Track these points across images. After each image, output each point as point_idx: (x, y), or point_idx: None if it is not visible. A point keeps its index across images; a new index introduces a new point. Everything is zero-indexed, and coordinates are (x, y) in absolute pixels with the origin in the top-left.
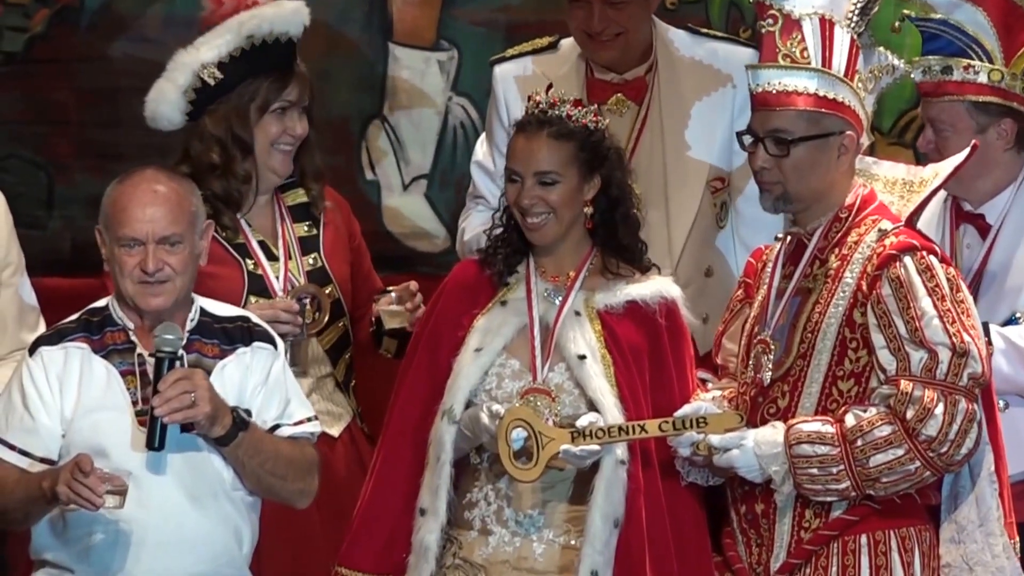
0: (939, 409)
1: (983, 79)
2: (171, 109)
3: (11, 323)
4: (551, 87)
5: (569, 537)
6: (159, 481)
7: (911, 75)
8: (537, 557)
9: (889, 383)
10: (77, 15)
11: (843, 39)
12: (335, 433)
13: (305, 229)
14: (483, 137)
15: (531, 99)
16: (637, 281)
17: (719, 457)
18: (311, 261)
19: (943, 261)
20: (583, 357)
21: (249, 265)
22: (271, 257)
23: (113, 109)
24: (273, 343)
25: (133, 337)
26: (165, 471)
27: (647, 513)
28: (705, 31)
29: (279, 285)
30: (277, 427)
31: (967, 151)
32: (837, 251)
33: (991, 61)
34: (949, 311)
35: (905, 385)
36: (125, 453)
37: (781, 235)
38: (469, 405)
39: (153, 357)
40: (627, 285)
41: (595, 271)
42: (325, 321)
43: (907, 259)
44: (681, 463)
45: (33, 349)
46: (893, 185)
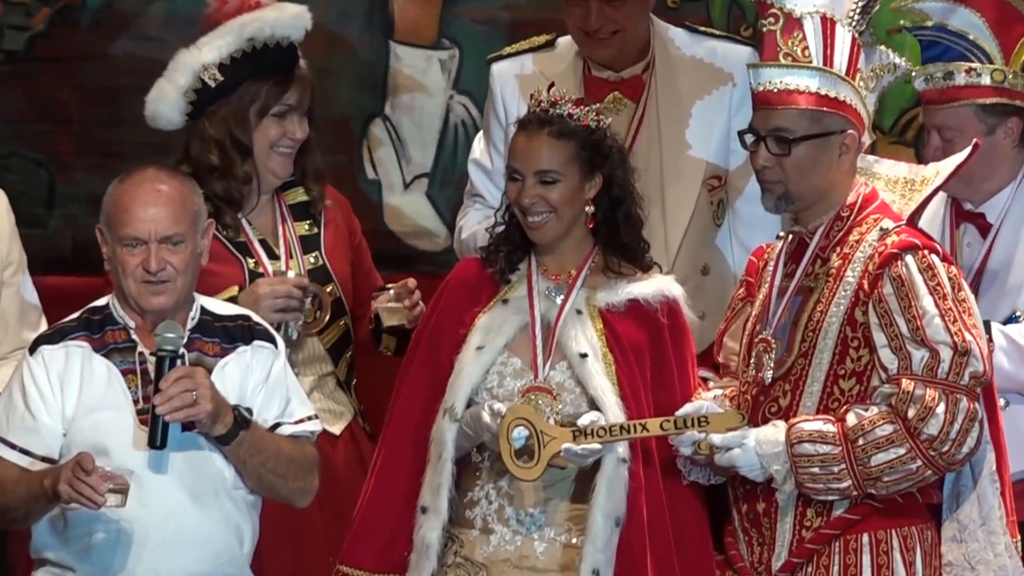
0: (940, 408)
1: (987, 81)
2: (171, 109)
3: (13, 322)
4: (553, 86)
5: (570, 536)
6: (160, 480)
7: (913, 84)
8: (538, 556)
9: (890, 382)
10: (78, 13)
11: (844, 38)
12: (336, 432)
13: (306, 228)
14: (480, 135)
15: (533, 98)
16: (639, 280)
17: (720, 456)
18: (312, 260)
19: (945, 260)
20: (584, 355)
21: (250, 264)
22: (272, 256)
23: (114, 108)
24: (274, 342)
25: (134, 336)
26: (166, 470)
27: (648, 512)
28: (703, 29)
29: None
30: (278, 426)
31: (968, 149)
32: (839, 250)
33: (991, 61)
34: (950, 310)
35: (906, 384)
36: (126, 452)
37: (783, 234)
38: (471, 403)
39: (154, 356)
40: (629, 284)
41: (597, 269)
42: (326, 320)
43: (908, 258)
44: (682, 462)
45: (34, 348)
46: (895, 184)
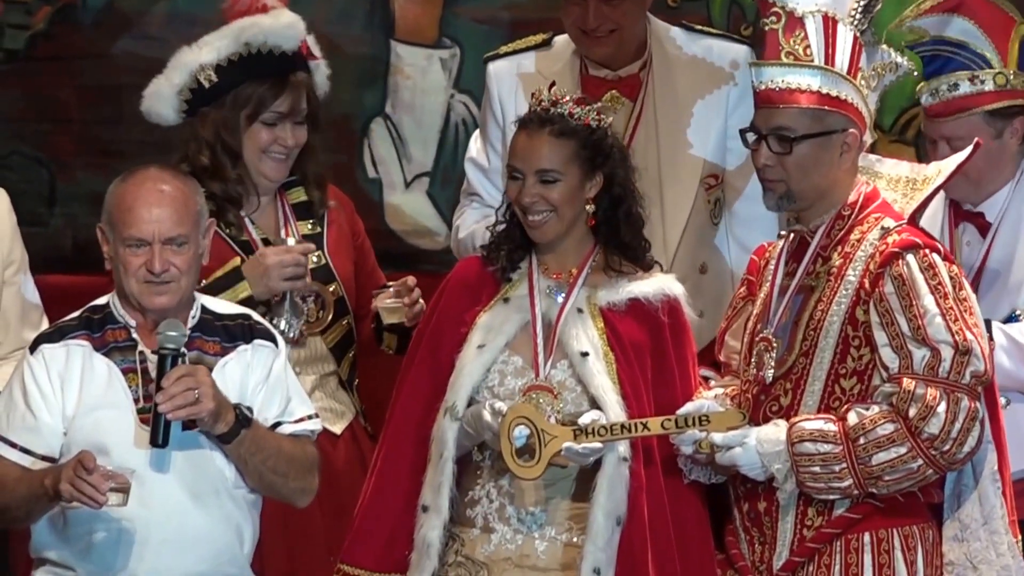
0: (941, 407)
1: (990, 86)
2: (165, 107)
3: (14, 321)
4: (553, 85)
5: (571, 535)
6: (161, 479)
7: (920, 100)
8: (539, 555)
9: (891, 381)
10: (79, 12)
11: (846, 37)
12: (337, 431)
13: (309, 227)
14: (477, 133)
15: (534, 97)
16: (640, 278)
17: (721, 455)
18: (315, 259)
19: (946, 259)
20: (585, 354)
21: None
22: None
23: (115, 107)
24: (274, 341)
25: (134, 335)
26: (167, 469)
27: (649, 511)
28: (700, 28)
29: None
30: (278, 425)
31: (970, 148)
32: (840, 249)
33: (991, 66)
34: (951, 309)
35: (907, 383)
36: (126, 451)
37: (784, 232)
38: (471, 402)
39: (155, 354)
40: (629, 282)
41: (598, 268)
42: (329, 319)
43: (910, 257)
44: (683, 461)
45: (34, 347)
46: (896, 183)
